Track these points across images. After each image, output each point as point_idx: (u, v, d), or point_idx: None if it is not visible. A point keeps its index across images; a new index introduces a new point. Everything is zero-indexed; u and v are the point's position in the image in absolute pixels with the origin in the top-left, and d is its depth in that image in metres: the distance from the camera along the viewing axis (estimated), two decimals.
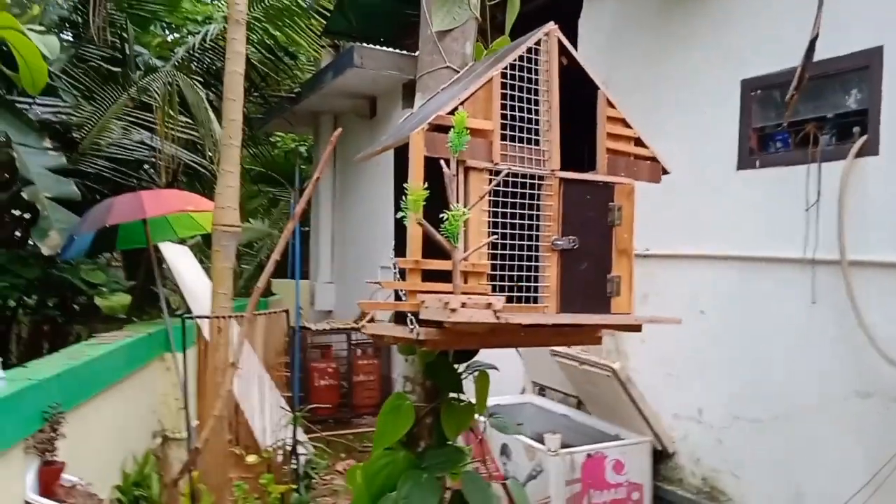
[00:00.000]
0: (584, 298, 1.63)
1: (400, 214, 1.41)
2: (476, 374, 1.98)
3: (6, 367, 3.48)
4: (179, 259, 6.44)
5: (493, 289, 1.53)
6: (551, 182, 1.61)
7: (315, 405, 6.64)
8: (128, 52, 8.54)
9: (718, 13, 4.40)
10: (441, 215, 1.38)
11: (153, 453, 4.89)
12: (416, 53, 2.12)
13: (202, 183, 8.61)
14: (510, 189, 1.56)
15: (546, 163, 1.61)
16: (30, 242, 6.16)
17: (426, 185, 1.44)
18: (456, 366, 1.98)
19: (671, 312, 4.51)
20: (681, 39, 4.66)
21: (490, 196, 1.53)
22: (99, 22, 8.30)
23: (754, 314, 4.10)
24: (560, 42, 1.63)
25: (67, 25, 8.88)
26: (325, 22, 8.81)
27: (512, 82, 1.58)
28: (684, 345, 4.52)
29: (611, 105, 1.69)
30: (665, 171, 1.79)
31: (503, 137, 1.57)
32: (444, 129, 1.46)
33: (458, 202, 1.40)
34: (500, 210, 1.56)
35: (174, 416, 5.49)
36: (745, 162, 4.21)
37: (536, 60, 1.62)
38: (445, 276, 1.49)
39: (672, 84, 4.72)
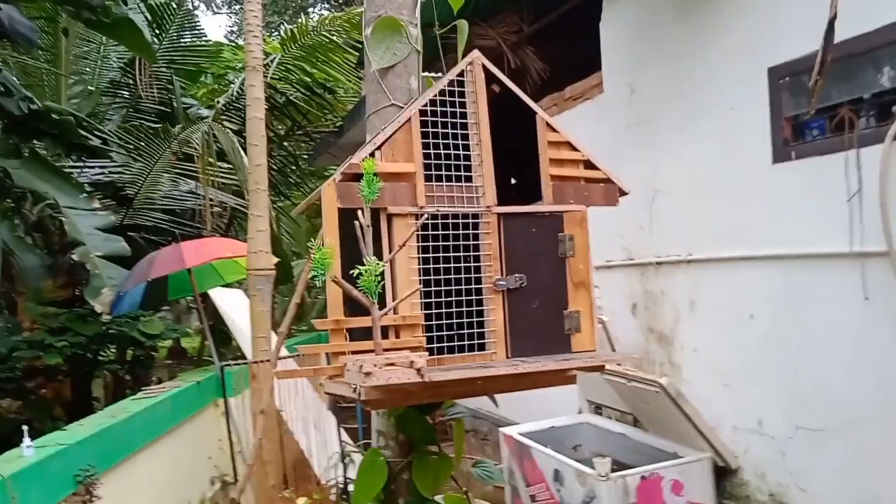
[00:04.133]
0: (538, 339, 1.51)
1: (311, 273, 1.33)
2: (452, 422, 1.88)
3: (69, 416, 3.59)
4: (230, 303, 6.56)
5: (431, 339, 1.44)
6: (488, 219, 1.50)
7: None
8: (175, 104, 8.86)
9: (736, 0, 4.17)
10: (351, 270, 1.30)
11: (211, 500, 4.96)
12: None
13: None
14: (441, 231, 1.47)
15: (480, 199, 1.51)
16: None
17: (343, 236, 1.37)
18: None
19: (719, 319, 4.32)
20: (701, 33, 4.44)
21: (419, 242, 1.44)
22: (146, 80, 8.68)
23: (805, 315, 3.81)
24: (487, 70, 1.53)
25: (122, 85, 9.30)
26: (358, 55, 8.93)
27: (434, 119, 1.49)
28: (737, 352, 4.26)
29: (552, 129, 1.57)
30: (622, 192, 1.65)
31: (428, 178, 1.48)
32: (359, 177, 1.38)
33: (372, 254, 1.31)
34: (431, 255, 1.46)
35: (237, 460, 5.56)
36: (780, 154, 3.94)
37: (462, 93, 1.52)
38: (382, 331, 1.40)
39: (697, 80, 4.49)
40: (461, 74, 1.53)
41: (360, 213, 1.36)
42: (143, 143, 7.66)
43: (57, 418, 6.15)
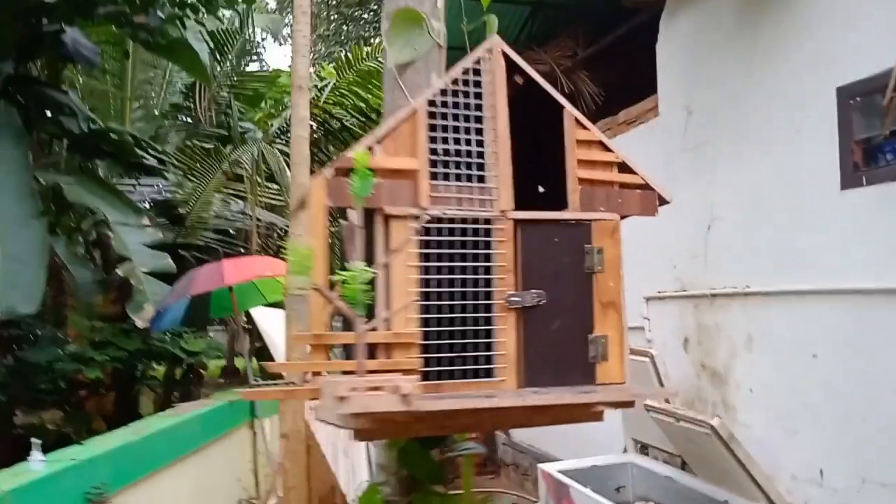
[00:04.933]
0: (557, 367, 1.30)
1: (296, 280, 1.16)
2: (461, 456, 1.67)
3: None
4: (270, 322, 6.48)
5: (430, 362, 1.25)
6: (502, 225, 1.31)
7: None
8: (233, 127, 8.98)
9: (802, 16, 3.91)
10: (331, 276, 1.13)
11: None
12: None
13: None
14: (447, 237, 1.28)
15: (494, 202, 1.32)
16: None
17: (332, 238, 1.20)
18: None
19: (779, 357, 4.00)
20: (763, 51, 4.19)
21: (420, 248, 1.26)
22: (205, 104, 8.84)
23: (877, 355, 3.47)
24: (508, 58, 1.35)
25: (182, 109, 9.51)
26: None
27: (445, 111, 1.32)
28: (798, 394, 3.92)
29: (581, 126, 1.38)
30: (663, 201, 1.43)
31: (434, 177, 1.30)
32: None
33: (360, 259, 1.14)
34: (434, 264, 1.28)
35: (262, 483, 5.43)
36: (849, 180, 3.63)
37: (478, 83, 1.35)
38: (371, 350, 1.23)
39: (759, 102, 4.24)
40: (478, 62, 1.35)
41: (349, 212, 1.19)
42: (196, 164, 7.75)
43: (95, 431, 6.14)
